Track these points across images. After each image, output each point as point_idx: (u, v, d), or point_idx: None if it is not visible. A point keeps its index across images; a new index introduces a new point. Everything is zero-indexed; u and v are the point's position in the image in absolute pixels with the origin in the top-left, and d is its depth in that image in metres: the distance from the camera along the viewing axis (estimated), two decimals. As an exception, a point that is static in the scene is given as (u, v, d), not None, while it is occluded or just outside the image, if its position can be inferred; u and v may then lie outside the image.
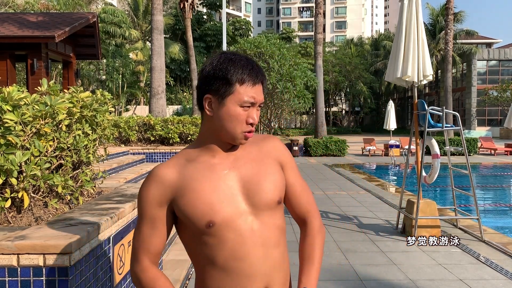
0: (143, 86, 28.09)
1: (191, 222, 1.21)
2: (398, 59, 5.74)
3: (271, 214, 1.26)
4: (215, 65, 1.24)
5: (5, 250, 1.63)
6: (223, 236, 1.20)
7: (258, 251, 1.22)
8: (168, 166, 1.26)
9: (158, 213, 1.25)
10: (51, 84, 2.26)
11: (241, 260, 1.21)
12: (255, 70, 1.24)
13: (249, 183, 1.25)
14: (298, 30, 78.35)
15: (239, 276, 1.21)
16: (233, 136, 1.24)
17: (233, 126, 1.23)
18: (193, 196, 1.21)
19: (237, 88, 1.21)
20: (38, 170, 1.90)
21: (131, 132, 8.49)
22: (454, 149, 6.27)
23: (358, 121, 54.73)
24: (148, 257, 1.27)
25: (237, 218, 1.22)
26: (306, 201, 1.40)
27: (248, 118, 1.23)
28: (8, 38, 8.96)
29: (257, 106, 1.25)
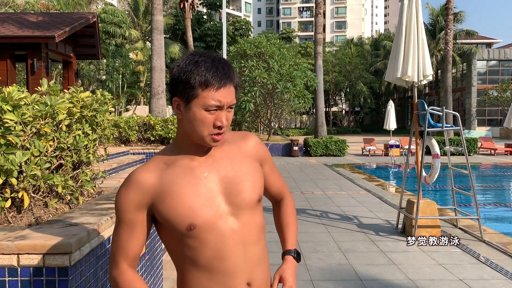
0: (143, 86, 28.10)
1: (171, 225, 1.22)
2: (398, 59, 5.74)
3: (251, 213, 1.29)
4: (180, 67, 1.22)
5: (5, 250, 1.63)
6: (204, 238, 1.22)
7: (239, 249, 1.25)
8: (147, 170, 1.25)
9: (137, 217, 1.24)
10: (51, 84, 2.26)
11: (223, 260, 1.23)
12: (220, 72, 1.20)
13: (229, 184, 1.26)
14: (298, 30, 78.36)
15: (222, 275, 1.23)
16: (202, 139, 1.23)
17: (200, 129, 1.21)
18: (174, 200, 1.21)
19: (200, 92, 1.18)
20: (38, 170, 1.90)
21: (131, 132, 8.49)
22: (454, 149, 6.27)
23: (358, 121, 54.73)
24: (126, 261, 1.27)
25: (218, 220, 1.23)
26: (281, 186, 1.53)
27: (215, 121, 1.21)
28: (8, 38, 8.96)
29: (226, 109, 1.22)
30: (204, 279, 1.24)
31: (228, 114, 1.24)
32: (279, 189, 1.52)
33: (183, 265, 1.27)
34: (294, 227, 1.52)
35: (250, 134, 1.42)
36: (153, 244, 2.97)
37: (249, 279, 1.27)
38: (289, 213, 1.53)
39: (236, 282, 1.24)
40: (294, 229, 1.52)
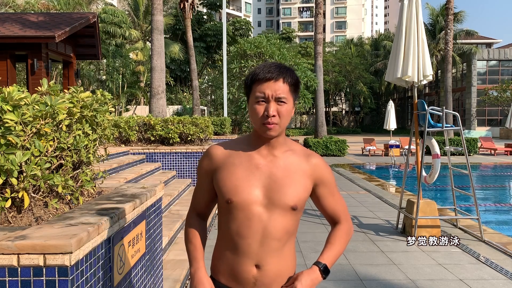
0: (143, 86, 28.08)
1: (219, 194, 1.52)
2: (398, 59, 5.74)
3: (282, 214, 1.47)
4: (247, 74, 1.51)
5: (5, 250, 1.63)
6: (235, 214, 1.48)
7: (258, 236, 1.46)
8: (219, 146, 1.57)
9: (205, 180, 1.59)
10: (51, 84, 2.26)
11: (242, 237, 1.47)
12: (266, 69, 1.43)
13: (274, 182, 1.47)
14: (298, 30, 78.35)
15: (238, 250, 1.49)
16: (259, 129, 1.47)
17: (254, 120, 1.46)
18: (226, 175, 1.50)
19: (252, 87, 1.46)
20: (38, 170, 1.90)
21: (131, 132, 8.49)
22: (454, 149, 6.27)
23: (358, 121, 54.72)
24: (195, 210, 1.67)
25: (250, 204, 1.46)
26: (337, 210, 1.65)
27: (264, 112, 1.43)
28: (8, 38, 8.96)
29: (273, 100, 1.43)
30: (226, 247, 1.53)
31: (279, 106, 1.43)
32: (334, 212, 1.64)
33: (220, 234, 1.58)
34: (336, 247, 1.60)
35: (316, 155, 1.60)
36: (153, 244, 2.97)
37: (258, 262, 1.48)
38: (337, 235, 1.64)
39: (246, 259, 1.48)
40: (336, 249, 1.60)
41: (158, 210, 3.13)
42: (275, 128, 1.44)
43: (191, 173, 8.40)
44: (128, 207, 2.36)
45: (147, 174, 6.65)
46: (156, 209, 3.06)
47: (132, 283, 2.48)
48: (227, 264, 1.53)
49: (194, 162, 8.39)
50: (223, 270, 1.55)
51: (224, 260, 1.54)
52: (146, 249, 2.78)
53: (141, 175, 6.16)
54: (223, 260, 1.54)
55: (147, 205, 2.74)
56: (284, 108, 1.44)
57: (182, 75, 36.95)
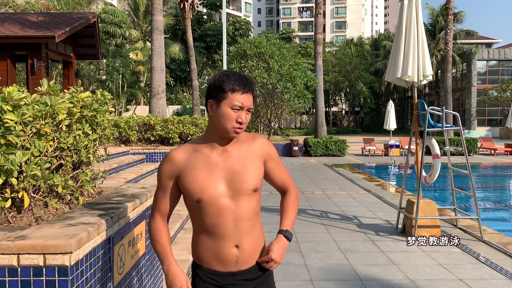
0: (143, 86, 28.07)
1: (187, 196, 1.71)
2: (398, 59, 5.74)
3: (246, 198, 1.70)
4: (216, 78, 1.68)
5: (5, 250, 1.63)
6: (207, 210, 1.67)
7: (231, 222, 1.68)
8: (179, 151, 1.73)
9: (168, 183, 1.74)
10: (51, 84, 2.26)
11: (218, 227, 1.68)
12: (244, 83, 1.66)
13: (233, 174, 1.69)
14: (298, 30, 78.35)
15: (217, 237, 1.69)
16: (226, 131, 1.66)
17: (226, 123, 1.65)
18: (191, 178, 1.68)
19: (229, 95, 1.64)
20: (38, 170, 1.90)
21: (131, 132, 8.49)
22: (454, 149, 6.27)
23: (358, 121, 54.70)
24: (159, 214, 1.79)
25: (218, 198, 1.67)
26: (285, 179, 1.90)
27: (237, 118, 1.65)
28: (8, 38, 8.96)
29: (245, 110, 1.67)
30: (206, 238, 1.72)
31: (247, 115, 1.68)
32: (283, 181, 1.89)
33: (195, 227, 1.76)
34: (291, 213, 1.86)
35: (259, 136, 1.82)
36: (153, 244, 2.97)
37: (237, 243, 1.70)
38: (289, 202, 1.89)
39: (226, 243, 1.69)
40: (291, 215, 1.86)
41: (158, 210, 3.13)
42: (241, 131, 1.68)
43: (191, 173, 8.40)
44: (128, 207, 2.36)
45: (147, 174, 6.65)
46: (156, 209, 3.06)
47: (132, 283, 2.48)
48: (209, 250, 1.72)
49: (194, 162, 8.39)
50: (206, 256, 1.73)
51: (205, 248, 1.73)
52: (146, 249, 2.78)
53: (141, 175, 6.16)
54: (204, 248, 1.73)
55: (147, 205, 2.74)
56: (249, 116, 1.70)
57: (182, 75, 36.94)
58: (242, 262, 1.73)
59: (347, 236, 5.67)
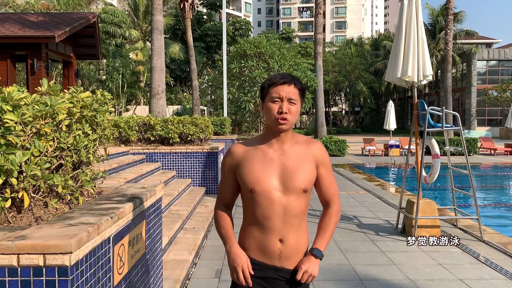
0: (143, 86, 28.05)
1: (242, 185, 1.85)
2: (398, 59, 5.74)
3: (296, 197, 1.80)
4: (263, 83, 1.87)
5: (5, 250, 1.63)
6: (259, 200, 1.79)
7: (279, 215, 1.79)
8: (239, 146, 1.90)
9: (229, 175, 1.91)
10: (51, 84, 2.26)
11: (267, 219, 1.79)
12: (281, 75, 1.80)
13: (287, 171, 1.79)
14: (298, 30, 78.33)
15: (265, 228, 1.81)
16: (272, 124, 1.79)
17: (269, 116, 1.79)
18: (247, 169, 1.82)
19: (269, 90, 1.81)
20: (38, 170, 1.90)
21: (131, 132, 8.49)
22: (454, 149, 6.27)
23: (358, 121, 54.70)
24: (221, 202, 1.96)
25: (271, 191, 1.78)
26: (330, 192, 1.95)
27: (278, 109, 1.77)
28: (8, 38, 8.95)
29: (287, 101, 1.77)
30: (254, 229, 1.84)
31: (290, 106, 1.78)
32: (329, 191, 1.94)
33: (245, 218, 1.89)
34: (326, 232, 1.90)
35: (316, 141, 1.93)
36: (153, 244, 2.97)
37: (281, 237, 1.80)
38: (327, 220, 1.92)
39: (272, 235, 1.80)
40: (326, 234, 1.89)
41: (158, 210, 3.13)
42: (286, 123, 1.77)
43: (191, 173, 8.40)
44: (128, 207, 2.36)
45: (147, 174, 6.65)
46: (156, 209, 3.06)
47: (132, 283, 2.48)
48: (255, 241, 1.83)
49: (194, 162, 8.39)
50: (251, 247, 1.85)
51: (252, 238, 1.84)
52: (146, 249, 2.78)
53: (141, 175, 6.16)
54: (251, 238, 1.85)
55: (147, 205, 2.74)
56: (294, 108, 1.79)
57: (182, 75, 36.93)
58: (285, 258, 1.81)
59: (347, 236, 5.67)
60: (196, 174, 8.41)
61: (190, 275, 4.25)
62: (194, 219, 6.23)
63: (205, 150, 8.40)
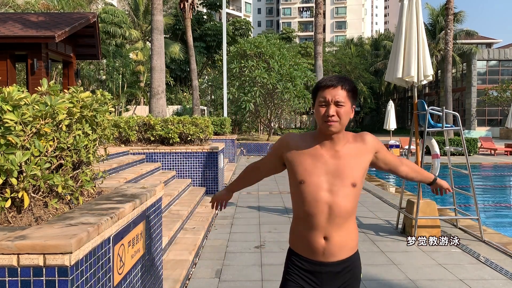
0: (143, 86, 28.05)
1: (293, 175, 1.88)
2: (398, 59, 5.74)
3: (344, 194, 1.80)
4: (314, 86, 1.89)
5: (5, 250, 1.63)
6: (307, 194, 1.82)
7: (324, 214, 1.80)
8: (294, 136, 1.95)
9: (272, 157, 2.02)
10: (51, 84, 2.26)
11: (312, 216, 1.82)
12: (329, 78, 1.81)
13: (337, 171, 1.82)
14: (298, 30, 78.31)
15: (309, 225, 1.84)
16: (320, 126, 1.82)
17: (318, 120, 1.83)
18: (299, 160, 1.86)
19: (317, 93, 1.84)
20: (38, 170, 1.89)
21: (131, 132, 8.48)
22: (454, 149, 6.27)
23: (358, 121, 54.69)
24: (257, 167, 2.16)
25: (318, 188, 1.80)
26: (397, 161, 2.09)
27: (325, 112, 1.79)
28: (8, 38, 8.95)
29: (334, 104, 1.78)
30: (300, 226, 1.89)
31: (338, 108, 1.78)
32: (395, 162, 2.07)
33: (294, 214, 1.94)
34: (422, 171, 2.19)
35: (366, 133, 1.99)
36: (153, 244, 2.97)
37: (326, 235, 1.82)
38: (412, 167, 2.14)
39: (316, 233, 1.83)
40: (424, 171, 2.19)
41: (158, 210, 3.13)
42: (334, 125, 1.78)
43: (191, 173, 8.40)
44: (128, 207, 2.36)
45: (147, 174, 6.64)
46: (156, 209, 3.06)
47: (132, 283, 2.48)
48: (301, 237, 1.89)
49: (194, 162, 8.39)
50: (298, 242, 1.91)
51: (298, 234, 1.91)
52: (146, 249, 2.77)
53: (141, 175, 6.16)
54: (298, 234, 1.91)
55: (147, 205, 2.74)
56: (343, 110, 1.78)
57: (182, 75, 36.93)
58: (329, 254, 1.84)
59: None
60: (196, 174, 8.40)
61: (190, 275, 4.25)
62: (194, 219, 6.23)
63: (205, 150, 8.39)
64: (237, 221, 6.56)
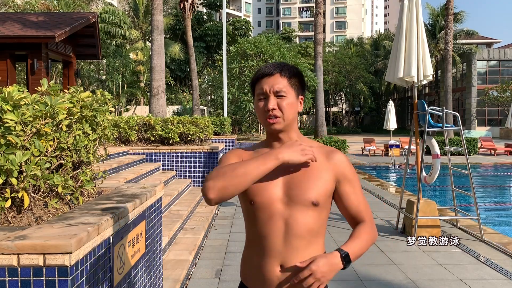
0: (143, 86, 28.05)
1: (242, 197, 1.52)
2: (399, 59, 5.74)
3: (303, 211, 1.44)
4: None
5: (5, 250, 1.63)
6: (259, 214, 1.47)
7: (279, 233, 1.44)
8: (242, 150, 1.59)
9: None
10: (51, 84, 2.26)
11: (265, 237, 1.46)
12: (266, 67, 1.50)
13: (292, 179, 1.46)
14: (298, 30, 78.32)
15: (262, 250, 1.47)
16: (263, 124, 1.51)
17: (259, 117, 1.51)
18: None
19: (255, 87, 1.51)
20: (38, 170, 1.90)
21: (131, 132, 8.49)
22: (454, 149, 6.27)
23: (358, 121, 54.71)
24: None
25: (272, 203, 1.45)
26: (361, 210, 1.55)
27: (264, 107, 1.47)
28: (8, 38, 8.96)
29: (273, 95, 1.46)
30: (252, 252, 1.52)
31: (279, 100, 1.46)
32: (358, 212, 1.55)
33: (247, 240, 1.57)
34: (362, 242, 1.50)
35: (337, 151, 1.54)
36: (153, 244, 2.97)
37: (282, 261, 1.45)
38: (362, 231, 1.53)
39: (270, 259, 1.45)
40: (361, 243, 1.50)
41: (158, 210, 3.13)
42: (278, 121, 1.46)
43: (191, 173, 8.40)
44: (128, 207, 2.36)
45: (147, 174, 6.64)
46: (156, 209, 3.06)
47: (132, 283, 2.48)
48: (253, 267, 1.52)
49: (194, 162, 8.39)
50: (249, 274, 1.54)
51: (250, 263, 1.54)
52: (146, 249, 2.78)
53: (141, 175, 6.16)
54: (250, 264, 1.54)
55: (147, 205, 2.74)
56: (285, 101, 1.46)
57: (182, 75, 36.94)
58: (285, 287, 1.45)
59: (347, 236, 5.65)
60: (196, 174, 8.40)
61: (190, 275, 4.24)
62: (194, 219, 6.23)
63: (205, 150, 8.39)
64: (237, 221, 6.55)
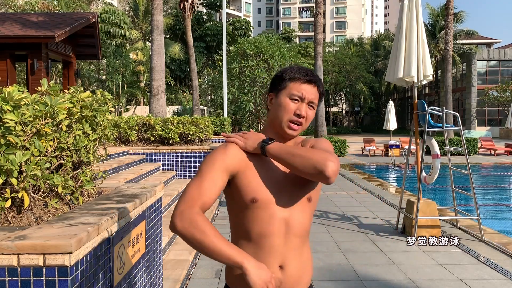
0: (143, 86, 28.06)
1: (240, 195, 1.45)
2: (399, 59, 5.74)
3: (301, 208, 1.47)
4: (280, 70, 1.55)
5: (5, 250, 1.63)
6: (259, 213, 1.44)
7: (281, 232, 1.44)
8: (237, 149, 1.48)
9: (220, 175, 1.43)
10: (51, 84, 2.26)
11: (266, 237, 1.44)
12: (307, 73, 1.50)
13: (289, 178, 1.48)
14: (298, 30, 78.33)
15: (262, 250, 1.44)
16: (280, 125, 1.49)
17: (282, 114, 1.48)
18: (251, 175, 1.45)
19: (288, 84, 1.49)
20: (38, 170, 1.89)
21: (131, 132, 8.48)
22: (454, 149, 6.27)
23: (358, 121, 54.71)
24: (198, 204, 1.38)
25: (274, 202, 1.44)
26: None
27: (296, 110, 1.47)
28: (8, 38, 8.95)
29: (307, 103, 1.49)
30: (248, 249, 1.43)
31: (308, 110, 1.49)
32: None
33: (238, 237, 1.50)
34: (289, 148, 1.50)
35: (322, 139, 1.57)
36: (153, 244, 2.97)
37: (282, 262, 1.45)
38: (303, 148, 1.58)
39: (270, 260, 1.43)
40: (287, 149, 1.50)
41: (158, 210, 3.13)
42: (298, 129, 1.50)
43: (191, 173, 8.40)
44: (128, 207, 2.36)
45: (147, 174, 6.64)
46: (156, 209, 3.06)
47: (132, 283, 2.48)
48: None
49: (194, 162, 8.39)
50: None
51: None
52: (146, 249, 2.78)
53: (141, 175, 6.16)
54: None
55: (147, 205, 2.74)
56: (311, 112, 1.51)
57: (182, 75, 36.94)
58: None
59: (347, 236, 5.67)
60: (196, 174, 8.40)
61: (190, 275, 4.24)
62: (194, 219, 6.22)
63: (205, 150, 8.39)
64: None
